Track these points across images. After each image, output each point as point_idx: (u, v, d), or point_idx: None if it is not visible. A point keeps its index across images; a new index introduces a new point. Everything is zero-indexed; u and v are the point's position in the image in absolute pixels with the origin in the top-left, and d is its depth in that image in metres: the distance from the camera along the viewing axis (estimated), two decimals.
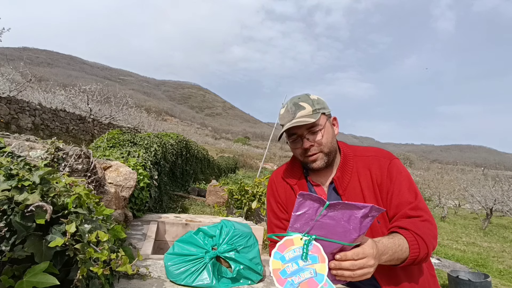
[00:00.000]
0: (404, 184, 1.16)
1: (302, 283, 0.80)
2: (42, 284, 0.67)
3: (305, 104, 1.20)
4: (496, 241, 10.85)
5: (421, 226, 1.08)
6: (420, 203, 1.13)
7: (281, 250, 0.84)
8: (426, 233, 1.06)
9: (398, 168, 1.20)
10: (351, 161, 1.24)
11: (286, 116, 1.22)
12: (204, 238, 1.25)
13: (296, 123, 1.16)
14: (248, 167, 26.91)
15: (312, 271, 0.81)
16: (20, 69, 12.87)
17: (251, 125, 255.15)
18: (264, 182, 4.72)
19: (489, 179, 16.59)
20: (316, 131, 1.19)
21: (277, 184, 1.39)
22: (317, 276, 0.80)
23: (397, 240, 1.03)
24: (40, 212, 0.75)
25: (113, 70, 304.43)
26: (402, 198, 1.14)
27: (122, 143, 4.43)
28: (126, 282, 1.09)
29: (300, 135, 1.21)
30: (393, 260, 1.01)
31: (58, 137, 2.31)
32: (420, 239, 1.04)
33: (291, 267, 0.82)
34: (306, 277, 0.80)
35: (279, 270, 0.82)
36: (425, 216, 1.11)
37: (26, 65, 12.94)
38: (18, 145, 1.51)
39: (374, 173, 1.20)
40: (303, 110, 1.19)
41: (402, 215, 1.12)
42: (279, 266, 0.83)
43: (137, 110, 25.13)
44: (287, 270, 0.82)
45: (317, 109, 1.20)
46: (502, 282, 6.09)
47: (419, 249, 1.04)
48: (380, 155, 1.24)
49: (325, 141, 1.20)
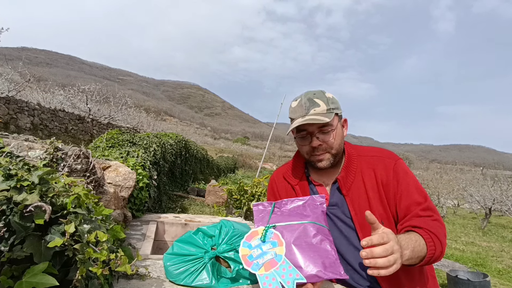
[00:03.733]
0: (412, 185, 1.15)
1: (266, 263, 0.95)
2: (42, 284, 0.67)
3: (320, 102, 1.16)
4: (495, 240, 10.87)
5: (433, 225, 1.07)
6: (430, 203, 1.13)
7: (248, 239, 1.03)
8: (439, 231, 1.06)
9: (403, 169, 1.19)
10: (355, 161, 1.23)
11: (298, 110, 1.18)
12: (204, 238, 1.25)
13: (310, 120, 1.13)
14: (247, 167, 26.91)
15: (273, 253, 0.97)
16: (19, 69, 12.83)
17: (251, 125, 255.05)
18: (264, 182, 4.72)
19: (488, 179, 16.62)
20: (328, 131, 1.17)
21: (278, 183, 1.38)
22: (277, 257, 0.96)
23: (414, 236, 1.02)
24: (39, 212, 0.75)
25: (112, 70, 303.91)
26: (412, 199, 1.13)
27: (121, 143, 4.42)
28: (125, 282, 1.08)
29: (311, 133, 1.18)
30: (414, 258, 0.99)
31: (57, 137, 2.31)
32: (435, 237, 1.04)
33: (256, 252, 0.99)
34: (268, 259, 0.96)
35: (247, 255, 0.98)
36: (435, 216, 1.11)
37: (25, 65, 12.91)
38: (17, 145, 1.51)
39: (379, 174, 1.18)
40: (317, 108, 1.15)
41: (414, 215, 1.11)
42: (247, 252, 0.99)
43: (136, 110, 25.11)
44: (253, 255, 0.98)
45: (332, 108, 1.17)
46: (501, 281, 6.10)
47: (435, 246, 1.03)
48: (384, 155, 1.23)
49: (334, 143, 1.18)
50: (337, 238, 1.21)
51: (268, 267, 0.94)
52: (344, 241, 1.20)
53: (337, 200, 1.22)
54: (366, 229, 1.15)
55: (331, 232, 1.18)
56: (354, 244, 1.18)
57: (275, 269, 0.94)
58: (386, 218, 1.15)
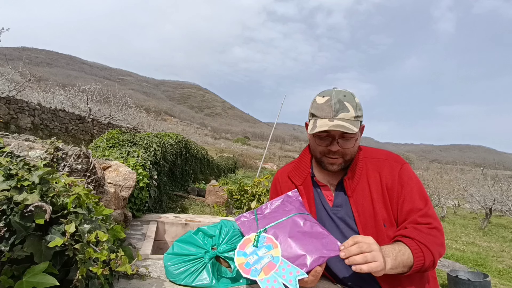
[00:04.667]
0: (415, 190, 1.15)
1: (264, 267, 0.95)
2: (42, 284, 0.67)
3: (350, 106, 1.12)
4: (495, 240, 10.86)
5: (427, 233, 1.07)
6: (430, 210, 1.12)
7: (242, 248, 1.03)
8: (431, 240, 1.05)
9: (409, 173, 1.18)
10: (360, 162, 1.22)
11: (326, 109, 1.12)
12: (204, 238, 1.24)
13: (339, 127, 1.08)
14: (248, 167, 26.90)
15: (269, 256, 0.98)
16: (20, 69, 12.84)
17: (251, 125, 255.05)
18: (264, 182, 4.72)
19: (488, 179, 16.60)
20: (350, 138, 1.14)
21: (282, 183, 1.37)
22: (274, 259, 0.97)
23: (397, 246, 1.03)
24: (39, 212, 0.75)
25: (113, 70, 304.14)
26: (413, 205, 1.12)
27: (122, 143, 4.43)
28: (126, 282, 1.08)
29: (332, 136, 1.14)
30: (400, 267, 1.01)
31: (58, 137, 2.31)
32: (424, 247, 1.04)
33: (252, 258, 0.99)
34: (266, 262, 0.97)
35: (243, 264, 0.98)
36: (433, 223, 1.10)
37: (26, 65, 12.92)
38: (17, 145, 1.51)
39: (384, 177, 1.17)
40: (346, 112, 1.10)
41: (412, 221, 1.11)
42: (243, 261, 0.99)
43: (136, 110, 25.10)
44: (250, 262, 0.98)
45: (359, 116, 1.13)
46: (501, 281, 6.10)
47: (424, 256, 1.03)
48: (390, 159, 1.22)
49: (352, 150, 1.17)
50: (338, 240, 1.21)
51: (267, 271, 0.95)
52: None
53: (341, 201, 1.22)
54: (369, 231, 1.15)
55: (333, 233, 1.18)
56: None
57: (274, 271, 0.94)
58: (389, 221, 1.15)
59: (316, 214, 1.25)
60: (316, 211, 1.25)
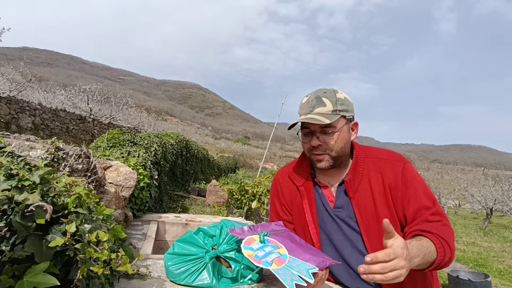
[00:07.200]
0: (420, 189, 1.14)
1: (274, 260, 0.98)
2: (43, 284, 0.67)
3: (328, 102, 1.14)
4: (496, 241, 10.84)
5: (443, 230, 1.06)
6: (439, 208, 1.12)
7: (248, 244, 1.05)
8: (448, 237, 1.05)
9: (412, 172, 1.17)
10: (361, 163, 1.20)
11: (305, 107, 1.17)
12: (204, 238, 1.24)
13: (309, 119, 1.11)
14: (248, 167, 26.90)
15: (277, 253, 1.01)
16: (20, 69, 12.85)
17: (251, 125, 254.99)
18: (264, 182, 4.72)
19: (489, 179, 16.57)
20: (329, 132, 1.14)
21: (282, 184, 1.35)
22: (282, 256, 1.00)
23: (425, 242, 1.01)
24: (40, 212, 0.75)
25: (113, 70, 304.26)
26: (420, 204, 1.11)
27: (122, 143, 4.43)
28: (126, 282, 1.08)
29: (312, 131, 1.16)
30: (422, 264, 0.98)
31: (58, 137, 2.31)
32: (445, 242, 1.03)
33: (260, 253, 1.01)
34: (275, 257, 0.99)
35: (252, 255, 1.00)
36: (444, 221, 1.09)
37: (26, 65, 12.93)
38: (18, 145, 1.51)
39: (386, 177, 1.16)
40: (322, 107, 1.13)
41: (423, 220, 1.09)
42: (251, 253, 1.01)
43: (137, 110, 25.11)
44: (258, 255, 1.00)
45: (338, 110, 1.14)
46: (502, 282, 6.09)
47: (445, 253, 1.02)
48: (392, 158, 1.20)
49: (335, 145, 1.15)
50: (341, 241, 1.20)
51: (278, 264, 0.96)
52: (348, 244, 1.19)
53: (343, 203, 1.21)
54: (371, 232, 1.14)
55: (335, 234, 1.18)
56: (358, 247, 1.17)
57: (285, 264, 0.96)
58: (392, 222, 1.14)
59: (317, 215, 1.24)
60: (317, 212, 1.24)
